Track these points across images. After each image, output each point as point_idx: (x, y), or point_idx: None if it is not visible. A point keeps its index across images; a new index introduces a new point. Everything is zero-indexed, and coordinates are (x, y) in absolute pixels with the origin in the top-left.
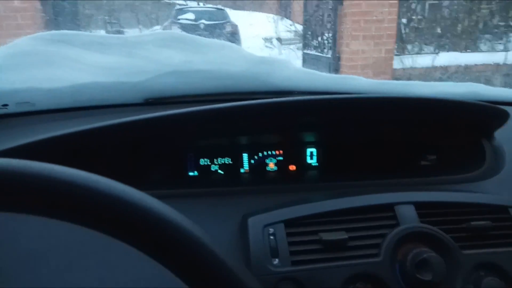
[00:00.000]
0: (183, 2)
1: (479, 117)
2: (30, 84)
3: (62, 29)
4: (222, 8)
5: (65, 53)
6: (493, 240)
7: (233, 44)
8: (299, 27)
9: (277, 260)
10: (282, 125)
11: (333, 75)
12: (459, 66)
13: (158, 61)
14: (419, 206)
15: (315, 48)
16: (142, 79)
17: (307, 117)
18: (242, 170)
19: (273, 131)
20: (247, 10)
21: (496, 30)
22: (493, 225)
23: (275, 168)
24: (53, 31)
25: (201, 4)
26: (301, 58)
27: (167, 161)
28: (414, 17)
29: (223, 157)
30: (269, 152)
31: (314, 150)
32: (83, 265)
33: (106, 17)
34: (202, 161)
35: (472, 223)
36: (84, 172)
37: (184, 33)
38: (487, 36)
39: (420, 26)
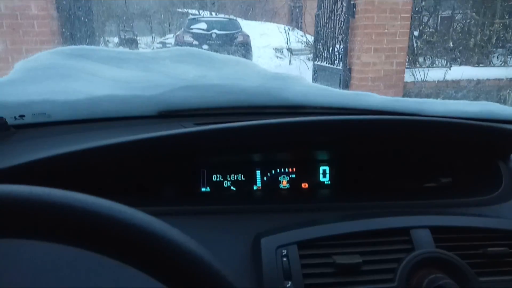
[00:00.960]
0: (196, 12)
1: (495, 139)
2: (46, 96)
3: (77, 38)
4: (234, 18)
5: (83, 67)
6: (510, 267)
7: (248, 60)
8: (310, 38)
9: (290, 282)
10: (295, 144)
11: (346, 92)
12: (471, 81)
13: (174, 75)
14: (435, 230)
15: (326, 59)
16: (157, 93)
17: (321, 136)
18: (254, 187)
19: (286, 149)
20: (258, 20)
21: (509, 45)
22: (510, 251)
23: (287, 185)
24: (73, 46)
25: (213, 14)
26: (311, 69)
27: (180, 177)
28: (426, 30)
29: (236, 173)
30: (282, 170)
31: (327, 168)
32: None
33: (120, 25)
34: (215, 177)
35: (489, 249)
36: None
37: (199, 49)
38: (500, 50)
39: (432, 39)
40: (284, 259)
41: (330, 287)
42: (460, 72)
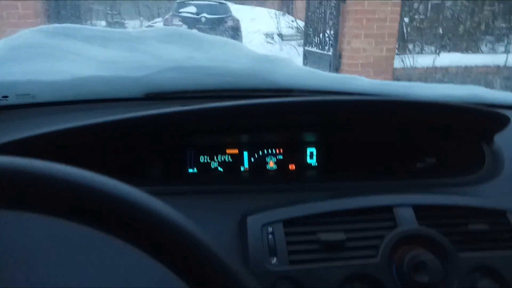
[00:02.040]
0: None
1: (479, 121)
2: (30, 76)
3: (63, 20)
4: (224, 2)
5: (67, 47)
6: (490, 244)
7: (236, 42)
8: (301, 24)
9: (275, 259)
10: (283, 125)
11: (335, 75)
12: (459, 67)
13: (160, 56)
14: (418, 208)
15: (316, 45)
16: (143, 74)
17: (308, 117)
18: (242, 168)
19: (274, 130)
20: (249, 4)
21: (498, 32)
22: (491, 228)
23: (275, 167)
24: (56, 25)
25: None
26: (302, 54)
27: (167, 158)
28: (416, 17)
29: (223, 154)
30: (270, 151)
31: (314, 150)
32: (79, 262)
33: (108, 8)
34: (202, 158)
35: (470, 226)
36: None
37: (187, 29)
38: (488, 37)
39: (422, 26)
40: (270, 236)
41: (314, 263)
42: (449, 59)
